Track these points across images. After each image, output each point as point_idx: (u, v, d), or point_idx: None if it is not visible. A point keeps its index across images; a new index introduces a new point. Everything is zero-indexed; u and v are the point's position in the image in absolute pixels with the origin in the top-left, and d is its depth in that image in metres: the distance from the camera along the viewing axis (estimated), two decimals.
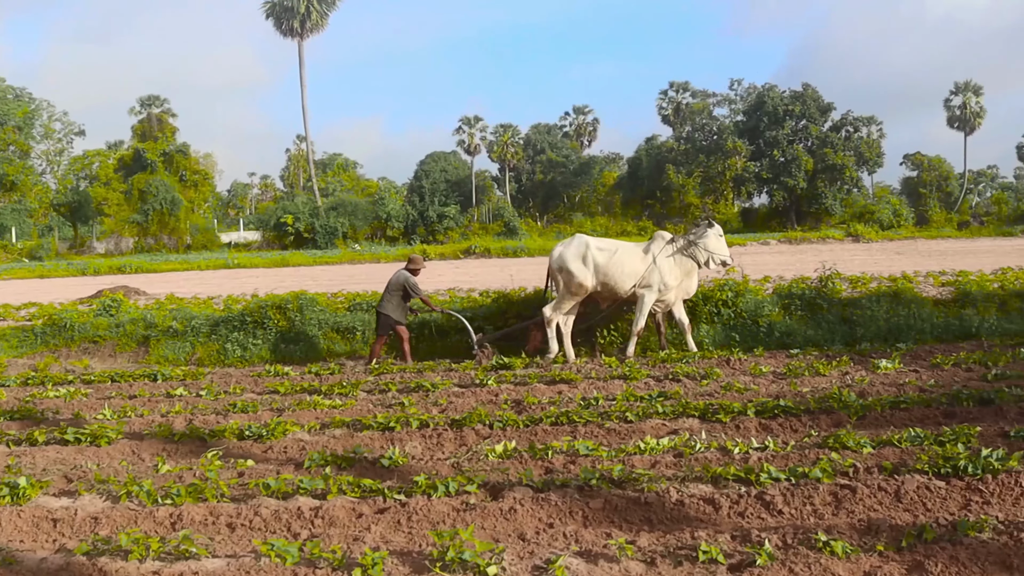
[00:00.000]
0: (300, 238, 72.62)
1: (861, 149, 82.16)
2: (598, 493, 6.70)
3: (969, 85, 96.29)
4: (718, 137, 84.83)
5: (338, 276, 38.53)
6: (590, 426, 9.05)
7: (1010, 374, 11.07)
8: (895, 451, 7.74)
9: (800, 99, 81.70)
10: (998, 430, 8.38)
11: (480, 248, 58.25)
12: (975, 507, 6.40)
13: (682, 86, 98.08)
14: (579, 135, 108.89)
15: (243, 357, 15.27)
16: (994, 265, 26.26)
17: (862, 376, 11.47)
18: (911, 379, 11.17)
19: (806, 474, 6.88)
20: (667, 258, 14.12)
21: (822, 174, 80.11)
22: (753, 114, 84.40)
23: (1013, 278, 20.38)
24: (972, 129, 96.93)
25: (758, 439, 8.30)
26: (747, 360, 13.03)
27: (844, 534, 5.76)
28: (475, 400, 10.83)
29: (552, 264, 14.29)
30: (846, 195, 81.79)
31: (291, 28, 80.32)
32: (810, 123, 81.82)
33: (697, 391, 10.83)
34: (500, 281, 26.46)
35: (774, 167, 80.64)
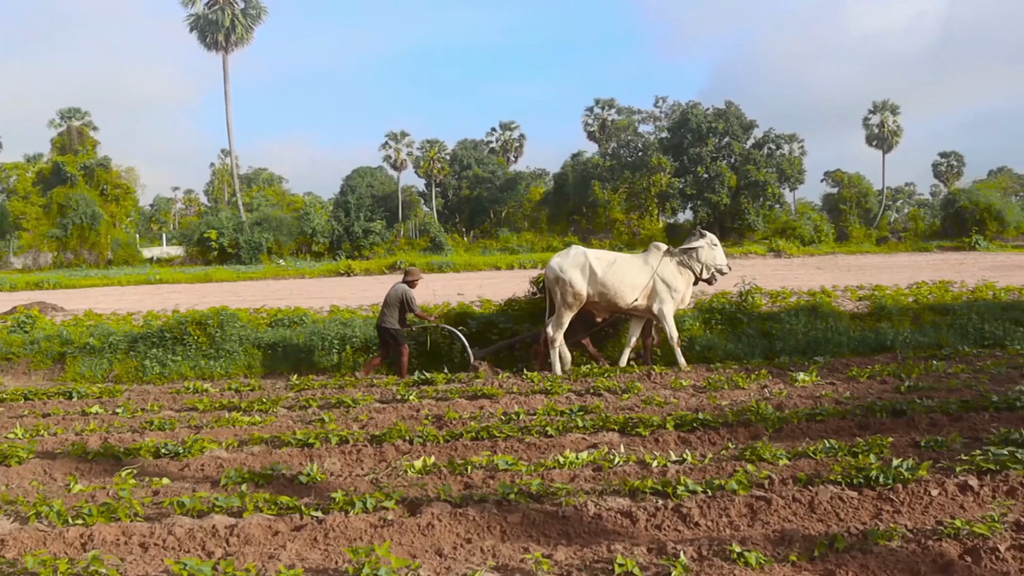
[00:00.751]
0: (224, 253, 71.68)
1: (783, 166, 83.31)
2: (516, 508, 6.70)
3: (887, 104, 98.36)
4: (643, 153, 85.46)
5: (261, 292, 38.10)
6: (510, 441, 9.05)
7: (922, 386, 11.31)
8: (810, 462, 7.86)
9: (723, 117, 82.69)
10: (910, 440, 8.56)
11: (406, 264, 57.96)
12: (886, 516, 6.51)
13: (608, 103, 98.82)
14: (505, 151, 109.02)
15: (162, 374, 15.02)
16: (910, 280, 26.82)
17: (780, 389, 11.63)
18: (828, 391, 11.36)
19: (723, 486, 6.95)
20: (669, 268, 14.20)
21: (745, 190, 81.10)
22: (677, 131, 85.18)
23: (927, 292, 20.81)
24: (890, 147, 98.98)
25: (677, 452, 8.37)
26: (668, 374, 13.15)
27: (758, 545, 5.82)
28: (396, 416, 10.77)
29: (549, 275, 14.20)
30: (768, 211, 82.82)
31: (216, 42, 79.23)
32: (733, 140, 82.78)
33: (618, 405, 10.89)
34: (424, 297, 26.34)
35: (698, 183, 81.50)
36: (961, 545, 5.62)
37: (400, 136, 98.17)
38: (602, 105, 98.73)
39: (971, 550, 5.55)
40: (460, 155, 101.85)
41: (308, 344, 15.68)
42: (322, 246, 75.29)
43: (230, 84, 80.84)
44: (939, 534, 5.83)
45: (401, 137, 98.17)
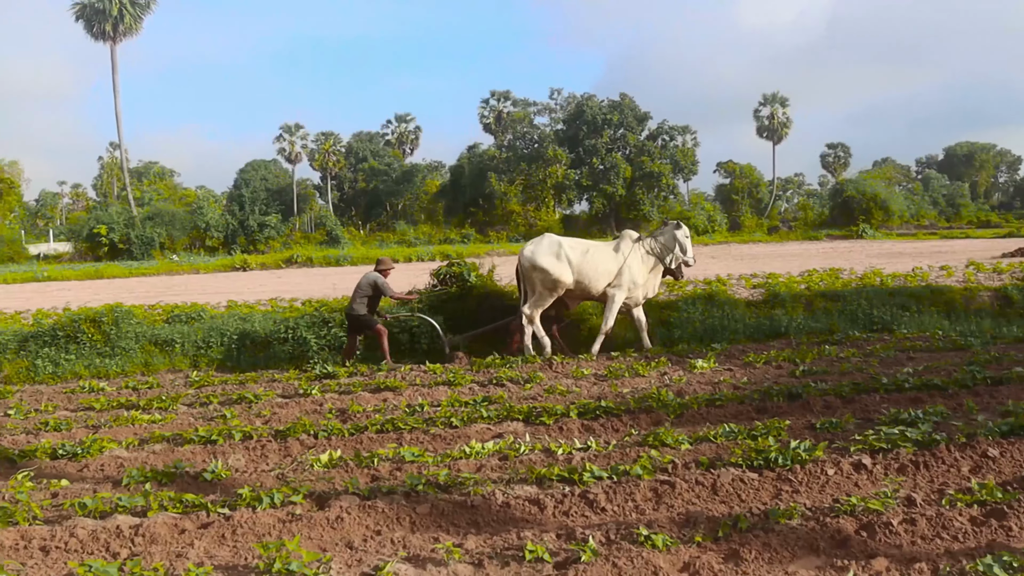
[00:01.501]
0: (115, 249, 70.05)
1: (677, 157, 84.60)
2: (425, 498, 6.73)
3: (776, 97, 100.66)
4: (539, 145, 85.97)
5: (155, 288, 37.38)
6: (416, 433, 9.06)
7: (816, 370, 11.64)
8: (711, 446, 8.04)
9: (618, 108, 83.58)
10: (806, 423, 8.82)
11: (302, 257, 57.50)
12: (785, 496, 6.70)
13: (503, 95, 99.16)
14: (401, 143, 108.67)
15: (55, 373, 14.61)
16: (801, 267, 27.48)
17: (680, 376, 11.85)
18: (726, 377, 11.62)
19: (627, 472, 7.07)
20: (636, 257, 14.36)
21: (640, 181, 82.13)
22: (573, 123, 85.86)
23: (818, 280, 21.35)
24: (780, 139, 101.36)
25: (581, 440, 8.49)
26: (570, 363, 13.27)
27: (664, 527, 5.95)
28: (299, 410, 10.69)
29: (523, 263, 14.21)
30: (663, 202, 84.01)
31: (103, 31, 77.20)
32: (628, 132, 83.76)
33: (521, 395, 10.98)
34: (322, 290, 26.24)
35: (594, 175, 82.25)
36: (857, 521, 5.83)
37: (295, 129, 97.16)
38: (498, 97, 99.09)
39: (866, 525, 5.76)
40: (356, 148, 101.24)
41: (207, 340, 15.46)
42: (216, 241, 74.14)
43: (119, 75, 79.01)
44: (836, 511, 6.04)
45: (296, 130, 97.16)
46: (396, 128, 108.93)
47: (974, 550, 5.46)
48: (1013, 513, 5.90)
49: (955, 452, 7.34)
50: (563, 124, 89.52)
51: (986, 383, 10.33)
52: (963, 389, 10.09)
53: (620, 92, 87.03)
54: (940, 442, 7.52)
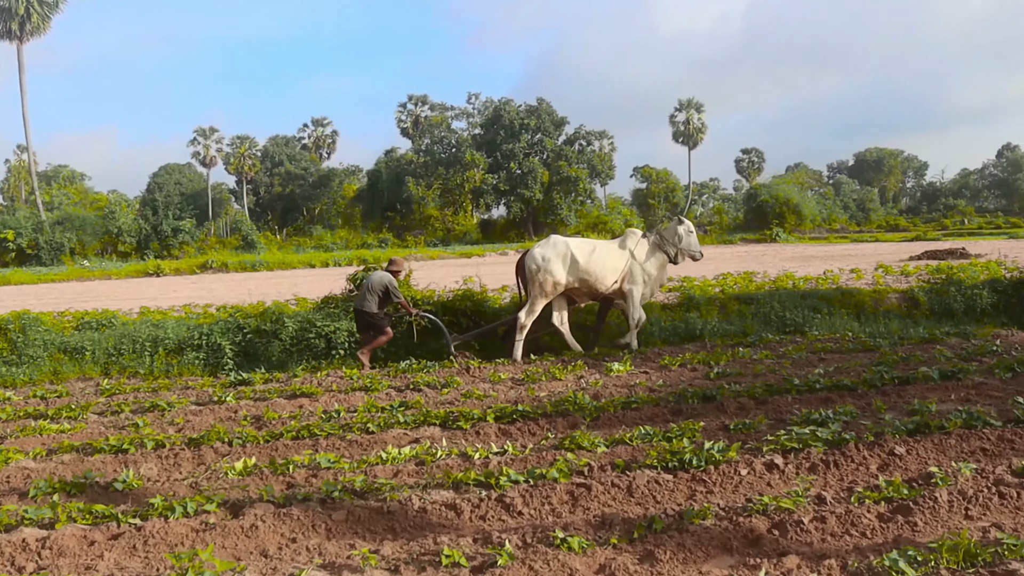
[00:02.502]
0: (22, 255, 68.35)
1: (594, 162, 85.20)
2: (341, 505, 6.69)
3: (692, 103, 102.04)
4: (457, 150, 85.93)
5: (65, 294, 36.53)
6: (332, 439, 9.01)
7: (730, 372, 11.81)
8: (627, 449, 8.11)
9: (535, 113, 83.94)
10: (720, 424, 8.94)
11: (217, 263, 56.69)
12: (700, 496, 6.79)
13: (421, 99, 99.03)
14: (318, 147, 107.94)
15: None
16: (716, 271, 27.80)
17: (596, 379, 11.91)
18: (642, 380, 11.72)
19: (544, 475, 7.10)
20: (643, 252, 14.60)
21: (557, 186, 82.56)
22: (490, 127, 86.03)
23: (732, 283, 21.61)
24: (695, 144, 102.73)
25: (498, 444, 8.50)
26: (487, 367, 13.29)
27: (580, 530, 5.99)
28: (213, 418, 10.55)
29: (529, 264, 14.33)
30: (580, 206, 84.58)
31: (8, 30, 75.27)
32: (545, 136, 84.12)
33: (438, 400, 10.97)
34: (238, 296, 25.89)
35: (511, 179, 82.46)
36: (769, 520, 5.93)
37: (209, 132, 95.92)
38: (415, 101, 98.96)
39: (778, 524, 5.86)
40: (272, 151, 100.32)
41: (118, 347, 15.16)
42: (129, 246, 72.81)
43: (25, 75, 77.09)
44: (749, 511, 6.13)
45: (210, 133, 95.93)
46: (313, 132, 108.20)
47: (881, 545, 5.59)
48: (918, 509, 6.06)
49: (864, 451, 7.51)
50: (481, 129, 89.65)
51: (894, 383, 10.59)
52: (872, 389, 10.33)
53: (538, 97, 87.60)
54: (849, 441, 7.69)
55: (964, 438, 7.86)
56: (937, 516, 6.05)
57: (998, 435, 7.93)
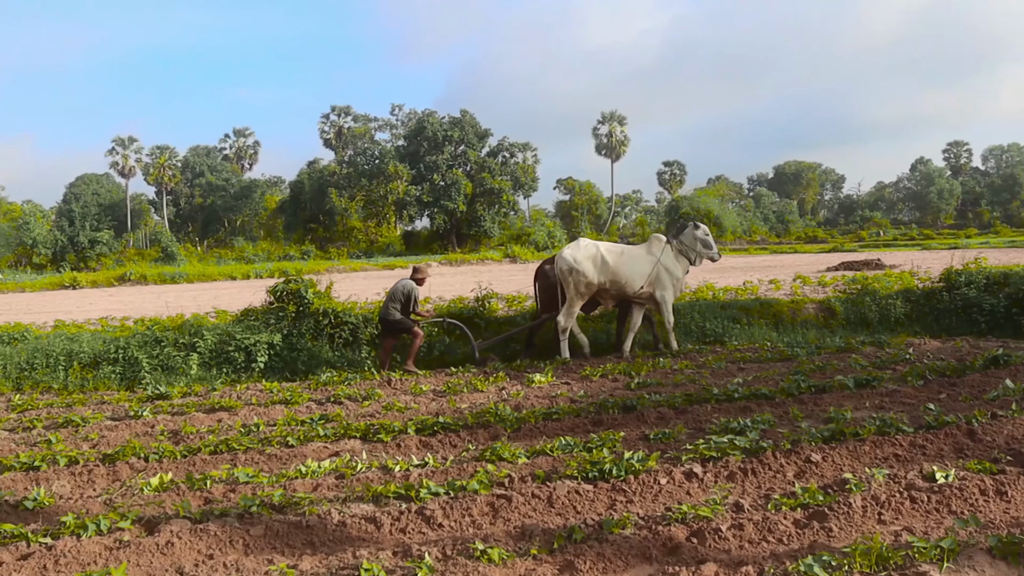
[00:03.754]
0: None
1: (517, 174, 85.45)
2: (259, 520, 6.60)
3: (614, 115, 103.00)
4: (380, 161, 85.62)
5: None
6: (251, 453, 8.89)
7: (651, 382, 11.92)
8: (548, 459, 8.12)
9: (459, 125, 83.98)
10: (640, 434, 9.00)
11: (136, 275, 55.66)
12: (620, 506, 6.81)
13: (344, 110, 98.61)
14: (240, 158, 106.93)
15: None
16: None
17: (518, 390, 11.93)
18: (563, 391, 11.76)
19: (464, 487, 7.09)
20: (669, 257, 15.14)
21: (481, 198, 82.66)
22: (414, 139, 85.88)
23: None
24: (618, 156, 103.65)
25: (419, 456, 8.47)
26: (409, 379, 13.24)
27: (500, 541, 5.98)
28: (129, 433, 10.35)
29: (561, 266, 14.76)
30: (504, 218, 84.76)
31: None
32: (469, 148, 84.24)
33: (359, 412, 10.90)
34: (156, 309, 25.49)
35: (435, 191, 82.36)
36: (688, 528, 5.99)
37: (128, 142, 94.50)
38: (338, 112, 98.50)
39: (697, 532, 5.91)
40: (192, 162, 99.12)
41: (31, 361, 14.82)
42: (44, 258, 71.21)
43: None
44: (668, 519, 6.18)
45: (129, 143, 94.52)
46: (234, 142, 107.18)
47: (797, 551, 5.67)
48: (833, 515, 6.15)
49: (781, 458, 7.60)
50: (404, 140, 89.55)
51: (810, 391, 10.76)
52: (789, 398, 10.49)
53: (461, 109, 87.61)
54: (767, 449, 7.79)
55: (878, 444, 8.00)
56: (851, 521, 6.15)
57: (910, 441, 8.09)
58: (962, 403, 9.93)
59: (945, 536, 5.71)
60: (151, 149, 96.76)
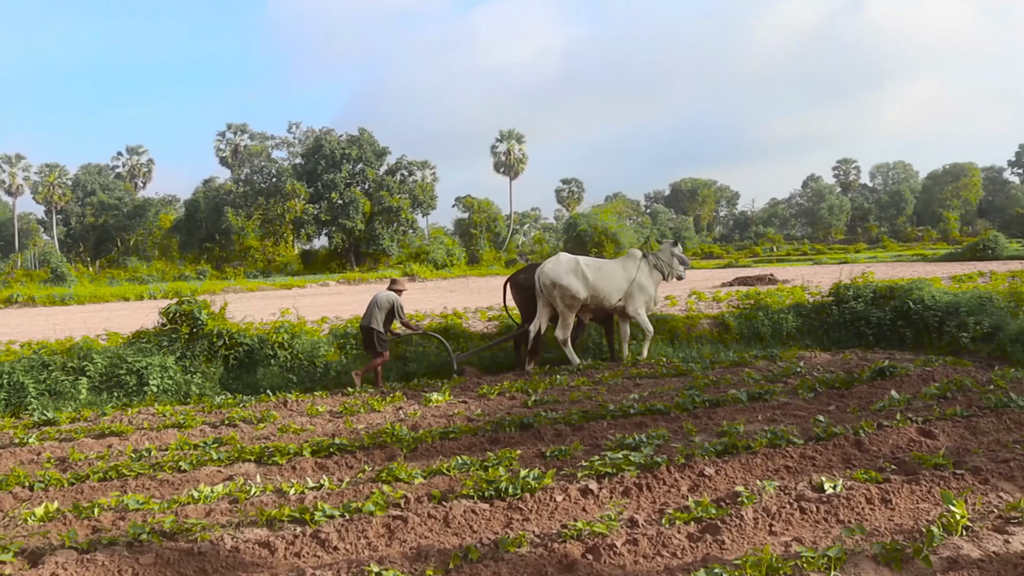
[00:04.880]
0: None
1: (416, 192, 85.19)
2: (149, 548, 6.45)
3: (513, 133, 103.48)
4: (277, 180, 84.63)
5: None
6: (142, 479, 8.69)
7: (548, 399, 11.98)
8: (445, 479, 8.10)
9: (357, 143, 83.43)
10: (537, 451, 9.03)
11: (23, 297, 53.93)
12: (516, 524, 6.83)
13: (240, 128, 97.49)
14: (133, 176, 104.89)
15: None
16: None
17: (415, 410, 11.89)
18: (460, 410, 11.75)
19: (360, 509, 7.04)
20: (645, 271, 15.78)
21: (379, 216, 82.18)
22: (311, 157, 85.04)
23: None
24: (516, 174, 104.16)
25: (314, 479, 8.38)
26: (305, 401, 13.10)
27: (396, 563, 5.95)
28: (14, 461, 10.03)
29: (544, 281, 15.30)
30: (402, 236, 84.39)
31: None
32: (367, 166, 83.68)
33: (254, 435, 10.74)
34: (44, 332, 24.80)
35: (333, 209, 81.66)
36: (583, 545, 6.02)
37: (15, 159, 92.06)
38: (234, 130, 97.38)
39: (592, 548, 5.95)
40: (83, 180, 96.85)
41: None
42: None
43: None
44: (563, 536, 6.21)
45: (16, 160, 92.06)
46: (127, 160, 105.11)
47: (690, 565, 5.75)
48: (726, 527, 6.25)
49: (675, 473, 7.70)
50: (302, 158, 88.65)
51: (705, 406, 10.94)
52: (684, 412, 10.64)
53: (359, 127, 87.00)
54: (661, 464, 7.88)
55: (769, 457, 8.16)
56: (743, 534, 6.26)
57: (800, 453, 8.26)
58: (850, 414, 10.19)
59: (832, 545, 5.85)
60: (40, 167, 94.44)
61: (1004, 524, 6.37)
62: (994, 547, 5.93)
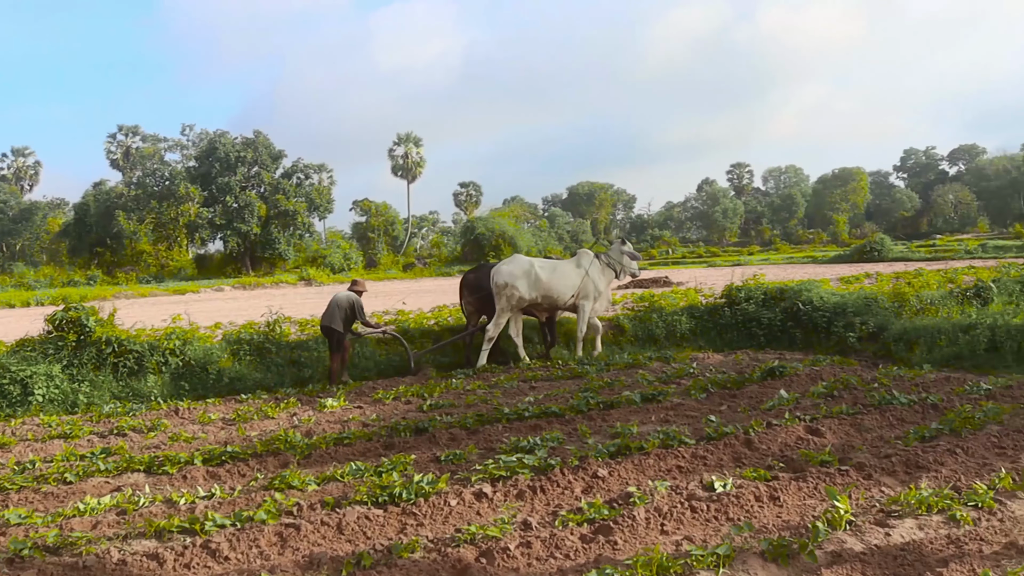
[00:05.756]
0: None
1: (312, 195, 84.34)
2: (31, 563, 6.27)
3: (410, 137, 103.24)
4: (170, 183, 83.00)
5: None
6: (24, 492, 8.43)
7: (443, 403, 11.99)
8: (338, 485, 8.05)
9: (252, 146, 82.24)
10: (431, 456, 9.02)
11: None
12: (410, 530, 6.80)
13: (132, 130, 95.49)
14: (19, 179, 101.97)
15: None
16: (433, 303, 28.08)
17: (309, 416, 11.78)
18: (355, 415, 11.69)
19: (252, 517, 6.94)
20: (596, 270, 16.36)
21: (275, 220, 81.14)
22: (206, 160, 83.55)
23: (447, 315, 21.91)
24: (414, 177, 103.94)
25: (205, 488, 8.25)
26: (197, 408, 12.88)
27: (288, 572, 5.89)
28: None
29: (497, 280, 15.86)
30: (299, 240, 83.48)
31: None
32: (263, 170, 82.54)
33: (143, 444, 10.50)
34: None
35: (228, 213, 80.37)
36: (477, 548, 6.03)
37: None
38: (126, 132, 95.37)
39: (486, 552, 5.96)
40: None
41: None
42: None
43: None
44: (457, 541, 6.22)
45: None
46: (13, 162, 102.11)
47: (583, 566, 5.80)
48: (618, 528, 6.32)
49: (569, 475, 7.76)
50: (196, 161, 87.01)
51: (599, 408, 11.05)
52: (578, 415, 10.73)
53: (255, 129, 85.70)
54: (555, 466, 7.94)
55: (662, 457, 8.27)
56: (636, 534, 6.33)
57: (692, 452, 8.40)
58: (741, 414, 10.40)
59: (722, 543, 5.95)
60: None
61: (885, 517, 6.56)
62: (876, 540, 6.10)
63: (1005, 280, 21.03)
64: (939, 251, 58.71)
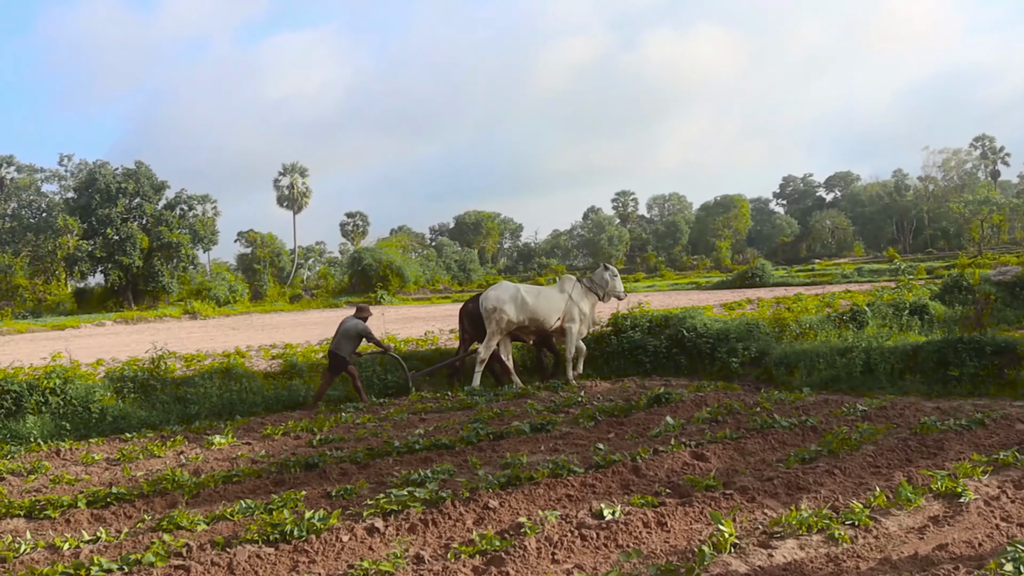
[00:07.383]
0: None
1: (196, 227, 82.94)
2: None
3: (296, 167, 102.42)
4: (47, 215, 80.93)
5: None
6: None
7: (333, 438, 11.93)
8: (229, 524, 7.96)
9: (133, 177, 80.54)
10: (322, 491, 8.99)
11: None
12: (302, 567, 6.77)
13: (6, 160, 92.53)
14: None
15: None
16: (321, 336, 27.90)
17: (197, 454, 11.60)
18: (244, 452, 11.54)
19: (140, 560, 6.82)
20: (579, 294, 16.98)
21: (158, 252, 79.55)
22: (85, 191, 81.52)
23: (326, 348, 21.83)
24: (300, 208, 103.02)
25: (90, 531, 8.06)
26: (80, 449, 12.56)
27: None
28: None
29: (485, 305, 16.53)
30: (183, 272, 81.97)
31: None
32: (144, 201, 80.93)
33: (23, 488, 10.19)
34: None
35: (108, 246, 78.48)
36: None
37: None
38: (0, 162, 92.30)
39: None
40: None
41: None
42: None
43: None
44: None
45: None
46: None
47: None
48: (510, 559, 6.40)
49: (460, 507, 7.81)
50: (74, 192, 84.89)
51: (489, 438, 11.14)
52: (469, 446, 10.79)
53: (136, 160, 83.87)
54: (447, 499, 7.99)
55: (551, 487, 8.39)
56: (527, 564, 6.42)
57: (581, 481, 8.54)
58: (629, 441, 10.61)
59: (611, 570, 6.08)
60: None
61: (768, 539, 6.77)
62: (760, 561, 6.29)
63: (879, 304, 21.79)
64: (818, 275, 60.58)
